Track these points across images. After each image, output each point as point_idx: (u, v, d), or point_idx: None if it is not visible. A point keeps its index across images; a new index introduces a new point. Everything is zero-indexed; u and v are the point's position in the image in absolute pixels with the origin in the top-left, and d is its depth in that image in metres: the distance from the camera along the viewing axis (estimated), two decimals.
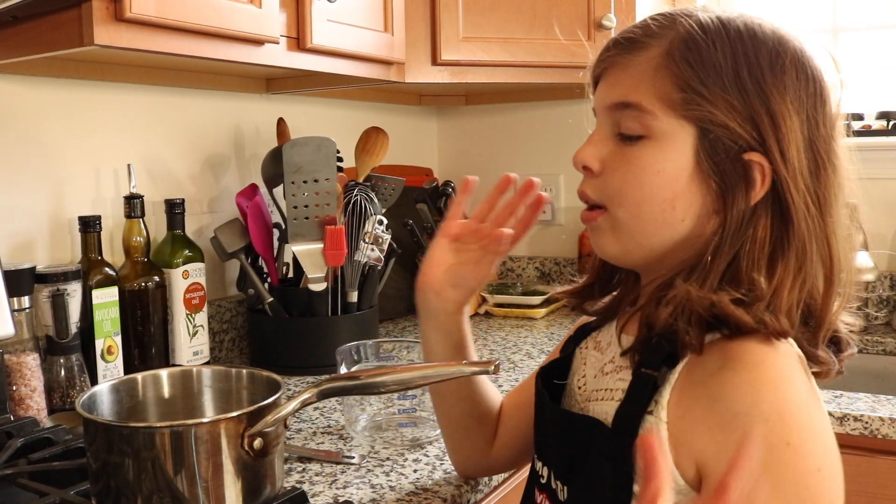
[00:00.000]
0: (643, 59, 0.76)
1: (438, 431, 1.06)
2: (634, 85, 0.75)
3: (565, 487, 0.79)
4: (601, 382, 0.82)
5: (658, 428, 0.71)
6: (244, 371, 0.97)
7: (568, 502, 0.78)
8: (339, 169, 1.56)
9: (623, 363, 0.80)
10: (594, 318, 0.91)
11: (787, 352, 0.72)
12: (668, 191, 0.74)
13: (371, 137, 1.71)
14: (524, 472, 1.20)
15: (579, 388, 0.87)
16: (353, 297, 1.59)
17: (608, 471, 0.73)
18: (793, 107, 0.73)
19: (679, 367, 0.72)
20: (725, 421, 0.68)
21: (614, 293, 0.89)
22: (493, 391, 1.02)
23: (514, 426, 0.99)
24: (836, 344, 0.78)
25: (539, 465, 0.86)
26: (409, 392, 1.16)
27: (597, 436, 0.76)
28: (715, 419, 0.69)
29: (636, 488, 0.72)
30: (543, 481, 0.84)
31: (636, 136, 0.75)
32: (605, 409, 0.78)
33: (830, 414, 1.33)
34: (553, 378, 0.89)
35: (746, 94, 0.72)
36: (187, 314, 1.48)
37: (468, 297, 0.94)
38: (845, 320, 0.78)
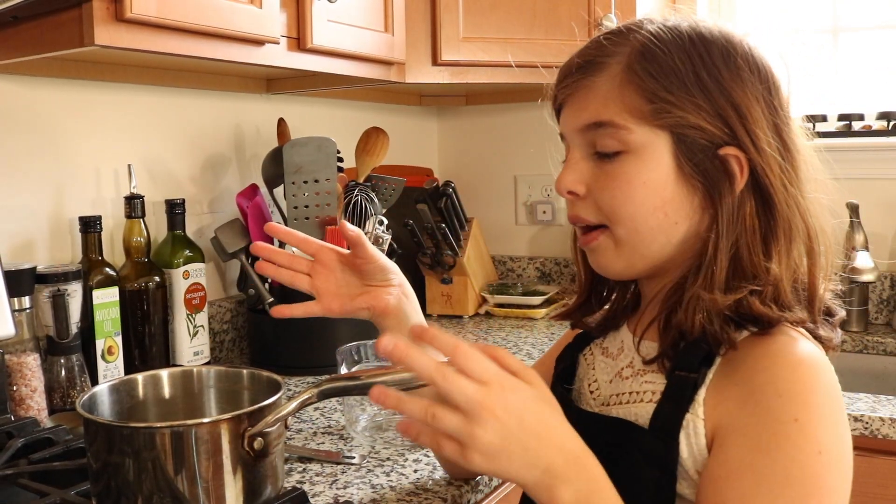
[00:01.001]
0: (606, 78, 0.78)
1: None
2: (603, 104, 0.77)
3: None
4: (621, 386, 0.83)
5: (695, 424, 0.74)
6: (244, 371, 0.97)
7: None
8: (340, 169, 1.56)
9: (644, 366, 0.81)
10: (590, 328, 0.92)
11: (812, 343, 0.75)
12: (657, 199, 0.77)
13: (371, 138, 1.71)
14: None
15: (591, 392, 0.87)
16: None
17: (648, 472, 0.75)
18: (752, 97, 0.76)
19: (714, 366, 0.75)
20: (744, 396, 0.72)
21: (610, 303, 0.91)
22: None
23: None
24: (827, 313, 0.80)
25: None
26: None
27: (632, 438, 0.77)
28: (734, 396, 0.73)
29: (679, 488, 0.74)
30: None
31: (614, 152, 0.77)
32: (634, 412, 0.79)
33: None
34: (558, 383, 0.90)
35: (709, 92, 0.75)
36: (188, 314, 1.48)
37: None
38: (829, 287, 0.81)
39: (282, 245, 1.61)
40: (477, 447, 0.64)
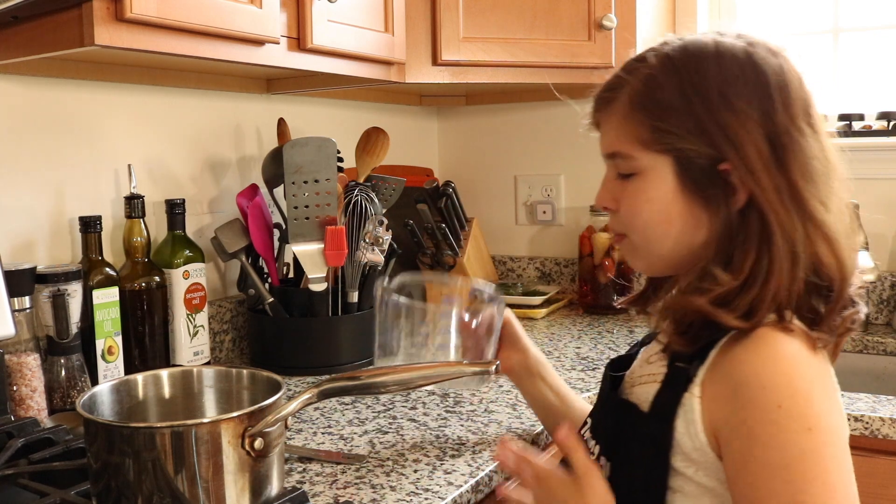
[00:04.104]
0: (616, 111, 0.89)
1: (438, 432, 1.06)
2: (615, 136, 0.89)
3: (609, 464, 0.88)
4: (645, 369, 0.92)
5: (691, 403, 0.81)
6: (245, 371, 0.97)
7: (610, 478, 0.86)
8: (340, 169, 1.56)
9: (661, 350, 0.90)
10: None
11: (797, 333, 0.80)
12: (662, 213, 0.87)
13: (371, 138, 1.71)
14: None
15: (629, 374, 0.96)
16: (354, 297, 1.59)
17: (644, 455, 0.84)
18: (744, 111, 0.82)
19: (712, 354, 0.82)
20: (730, 392, 0.79)
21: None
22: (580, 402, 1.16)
23: None
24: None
25: (592, 442, 0.94)
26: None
27: (634, 420, 0.87)
28: (723, 393, 0.79)
29: (674, 461, 0.82)
30: (594, 457, 0.92)
31: (629, 174, 0.89)
32: (646, 391, 0.87)
33: None
34: (614, 369, 1.00)
35: (697, 115, 0.83)
36: (188, 314, 1.48)
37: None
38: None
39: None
40: None
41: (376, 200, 1.61)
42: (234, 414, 0.82)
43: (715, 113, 0.83)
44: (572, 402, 1.16)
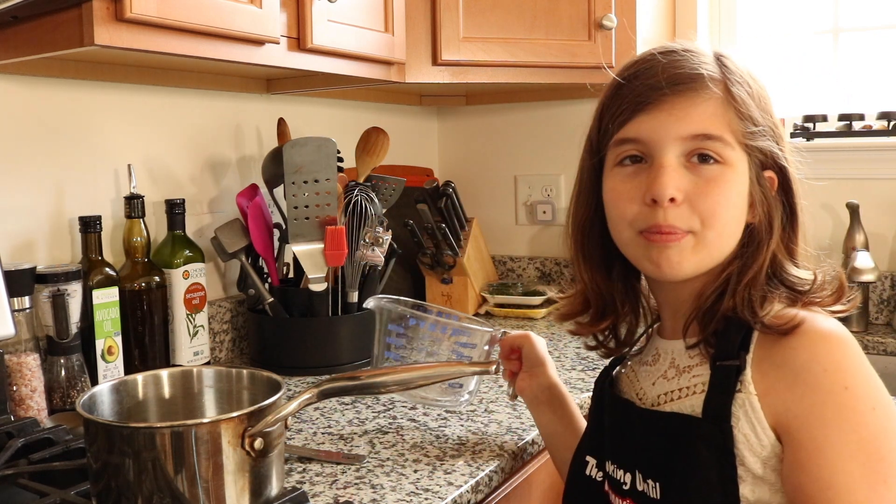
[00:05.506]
0: (709, 96, 0.85)
1: (438, 432, 1.06)
2: (710, 118, 0.84)
3: (657, 484, 0.84)
4: (668, 385, 0.89)
5: (750, 401, 0.80)
6: (244, 371, 0.97)
7: (663, 499, 0.84)
8: (340, 169, 1.56)
9: (689, 363, 0.88)
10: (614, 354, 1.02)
11: (830, 317, 0.84)
12: (742, 209, 0.86)
13: (371, 138, 1.71)
14: (524, 474, 1.20)
15: (640, 398, 0.93)
16: (354, 297, 1.59)
17: (709, 458, 0.81)
18: (780, 121, 0.90)
19: (752, 349, 0.82)
20: (790, 381, 0.79)
21: (638, 330, 1.00)
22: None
23: None
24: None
25: (619, 472, 0.90)
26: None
27: (690, 428, 0.83)
28: (782, 382, 0.79)
29: (739, 458, 0.80)
30: (627, 487, 0.88)
31: (716, 161, 0.84)
32: (689, 404, 0.85)
33: None
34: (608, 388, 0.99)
35: (768, 118, 0.88)
36: (188, 314, 1.48)
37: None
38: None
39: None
40: None
41: (376, 200, 1.61)
42: (234, 414, 0.82)
43: (773, 118, 0.88)
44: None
